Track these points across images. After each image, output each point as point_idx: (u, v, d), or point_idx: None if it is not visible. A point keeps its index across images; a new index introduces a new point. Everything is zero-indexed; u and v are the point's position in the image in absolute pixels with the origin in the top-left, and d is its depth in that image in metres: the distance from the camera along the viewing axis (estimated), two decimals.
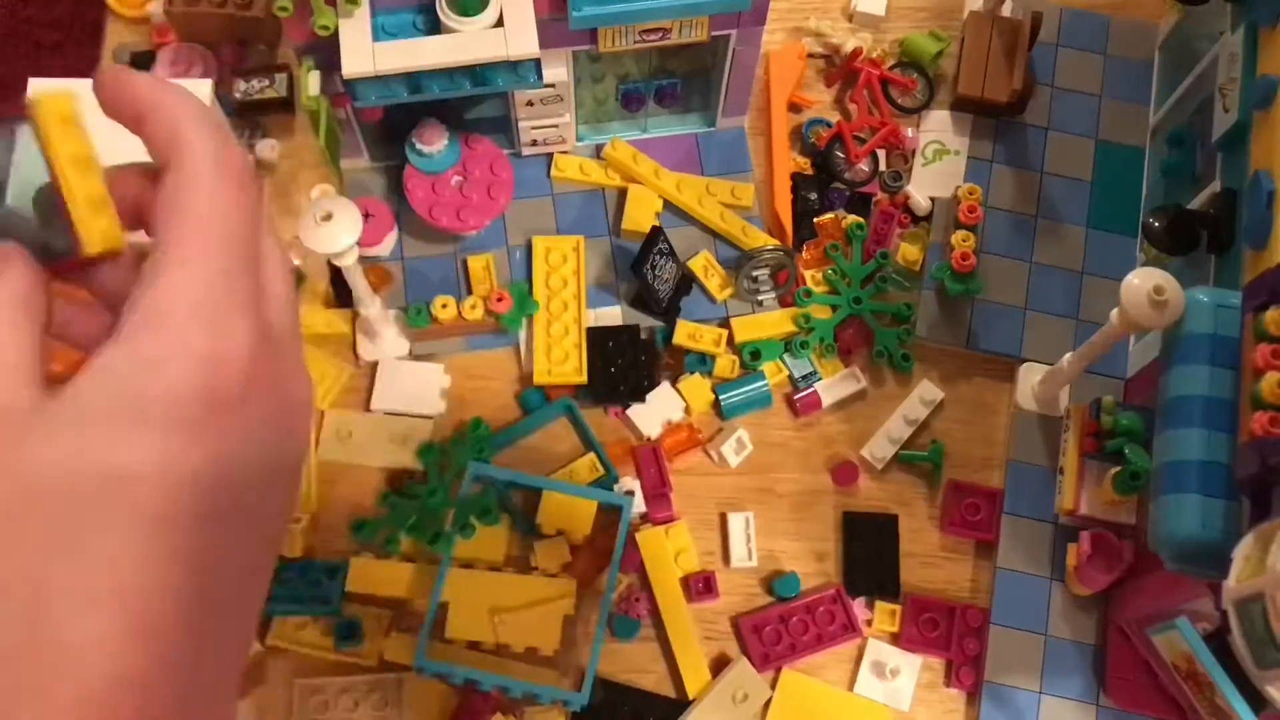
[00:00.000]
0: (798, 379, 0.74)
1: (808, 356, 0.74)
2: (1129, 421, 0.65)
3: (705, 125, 0.79)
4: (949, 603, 0.69)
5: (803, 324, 0.74)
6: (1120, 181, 0.79)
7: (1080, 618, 0.68)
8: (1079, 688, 0.67)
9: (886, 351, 0.74)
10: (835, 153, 0.79)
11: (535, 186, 0.78)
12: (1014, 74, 0.78)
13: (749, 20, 0.69)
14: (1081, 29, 0.83)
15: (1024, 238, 0.77)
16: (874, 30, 0.84)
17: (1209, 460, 0.54)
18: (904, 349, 0.74)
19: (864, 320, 0.75)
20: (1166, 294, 0.57)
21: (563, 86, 0.71)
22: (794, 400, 0.73)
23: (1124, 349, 0.73)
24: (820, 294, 0.75)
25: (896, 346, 0.74)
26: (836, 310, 0.75)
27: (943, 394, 0.74)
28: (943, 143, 0.80)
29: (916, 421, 0.73)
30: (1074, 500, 0.66)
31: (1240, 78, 0.64)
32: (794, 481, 0.72)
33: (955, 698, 0.68)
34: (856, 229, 0.76)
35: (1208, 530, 0.53)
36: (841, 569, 0.71)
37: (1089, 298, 0.76)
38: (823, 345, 0.74)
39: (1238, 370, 0.55)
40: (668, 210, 0.77)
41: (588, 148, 0.79)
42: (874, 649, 0.69)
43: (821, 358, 0.74)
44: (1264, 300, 0.54)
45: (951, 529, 0.71)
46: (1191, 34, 0.77)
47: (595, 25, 0.66)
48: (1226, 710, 0.56)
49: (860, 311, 0.75)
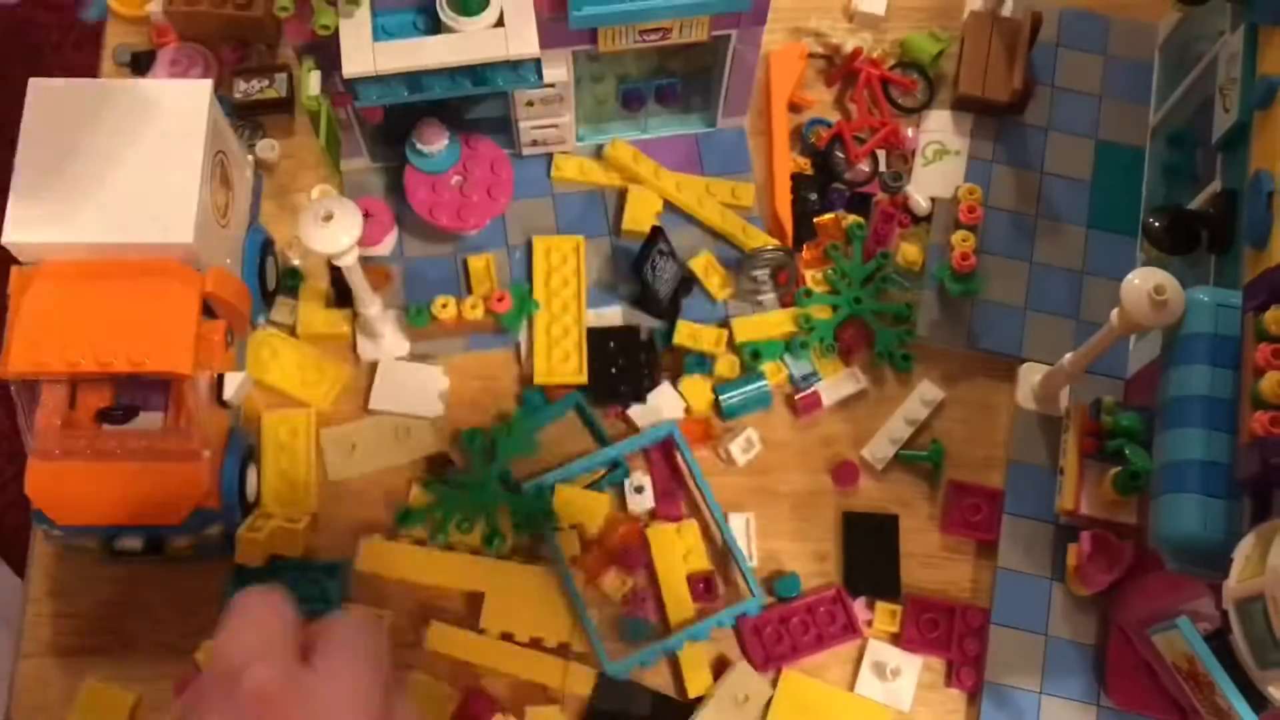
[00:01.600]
0: (798, 379, 0.74)
1: (808, 357, 0.74)
2: (1129, 421, 0.65)
3: (705, 125, 0.79)
4: (949, 603, 0.69)
5: (803, 324, 0.74)
6: (1120, 181, 0.78)
7: (1081, 618, 0.68)
8: (1079, 688, 0.67)
9: (887, 351, 0.74)
10: (835, 153, 0.79)
11: (535, 186, 0.78)
12: (1014, 74, 0.77)
13: (749, 20, 0.69)
14: (1082, 29, 0.83)
15: (1024, 238, 0.77)
16: (874, 30, 0.84)
17: (1210, 460, 0.54)
18: (904, 349, 0.74)
19: (865, 320, 0.75)
20: (1167, 294, 0.57)
21: (563, 86, 0.71)
22: (794, 400, 0.73)
23: (1124, 349, 0.73)
24: (821, 294, 0.75)
25: (897, 346, 0.74)
26: (837, 310, 0.75)
27: (943, 394, 0.74)
28: (943, 143, 0.80)
29: (917, 421, 0.73)
30: (1074, 500, 0.66)
31: (1240, 78, 0.64)
32: (794, 482, 0.72)
33: (956, 698, 0.68)
34: (857, 228, 0.76)
35: (1208, 530, 0.53)
36: (842, 569, 0.70)
37: (1089, 298, 0.75)
38: (823, 345, 0.74)
39: (1238, 370, 0.55)
40: (668, 210, 0.77)
41: (588, 148, 0.79)
42: (874, 649, 0.69)
43: (822, 358, 0.74)
44: (1264, 300, 0.54)
45: (952, 529, 0.71)
46: (1192, 34, 0.77)
47: (595, 25, 0.66)
48: (1227, 710, 0.56)
49: (861, 311, 0.75)
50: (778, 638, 0.68)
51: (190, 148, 0.63)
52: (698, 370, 0.73)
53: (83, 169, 0.62)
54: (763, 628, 0.68)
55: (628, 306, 0.75)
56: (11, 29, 1.59)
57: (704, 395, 0.73)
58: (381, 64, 0.62)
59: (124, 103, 0.64)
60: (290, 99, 0.79)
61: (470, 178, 0.74)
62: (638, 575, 0.69)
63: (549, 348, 0.73)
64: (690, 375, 0.73)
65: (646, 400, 0.72)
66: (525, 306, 0.73)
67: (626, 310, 0.75)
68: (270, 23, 0.80)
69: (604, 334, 0.73)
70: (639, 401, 0.72)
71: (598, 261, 0.76)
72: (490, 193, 0.74)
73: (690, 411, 0.73)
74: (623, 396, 0.72)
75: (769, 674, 0.68)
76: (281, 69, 0.79)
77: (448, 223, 0.74)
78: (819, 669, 0.68)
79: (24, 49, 1.58)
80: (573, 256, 0.75)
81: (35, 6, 1.60)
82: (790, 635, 0.68)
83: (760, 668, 0.67)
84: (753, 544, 0.70)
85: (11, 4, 1.55)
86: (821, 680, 0.68)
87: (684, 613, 0.68)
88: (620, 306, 0.75)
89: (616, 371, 0.72)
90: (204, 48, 0.81)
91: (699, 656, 0.68)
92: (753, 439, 0.72)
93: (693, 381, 0.73)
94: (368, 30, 0.63)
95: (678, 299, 0.74)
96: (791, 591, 0.69)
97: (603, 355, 0.73)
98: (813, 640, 0.68)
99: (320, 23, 0.62)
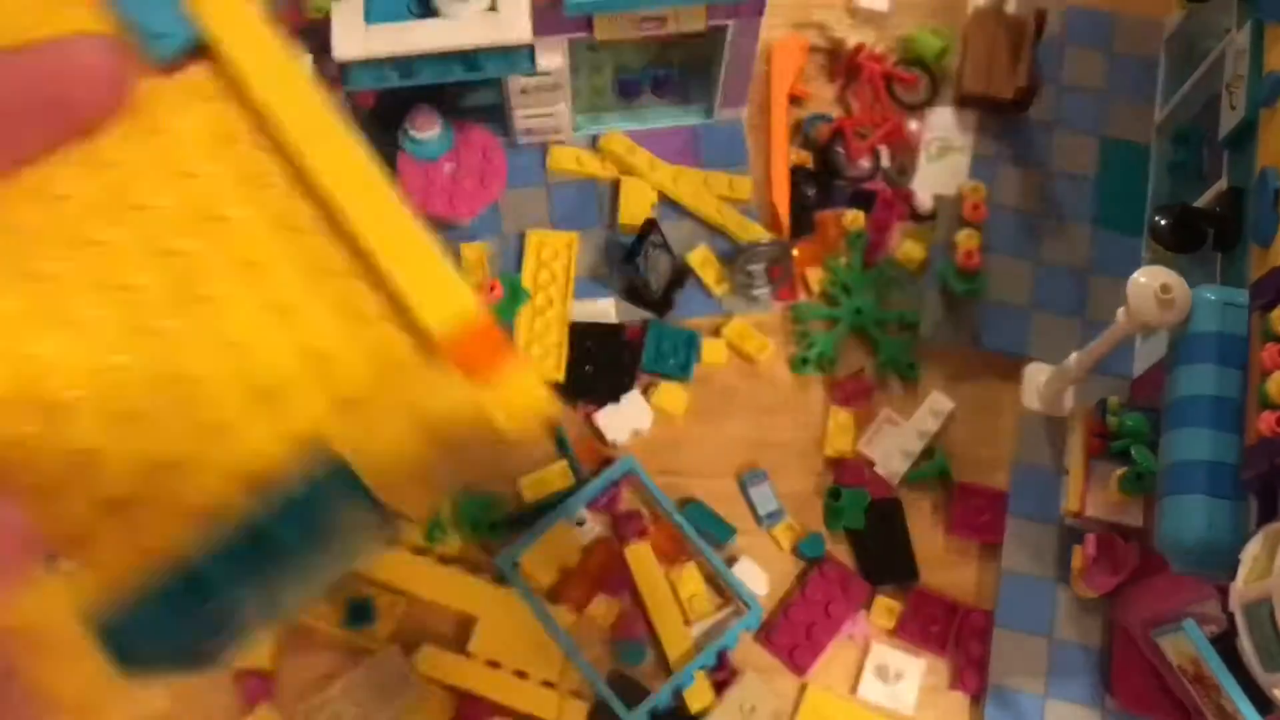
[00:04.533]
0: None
1: (810, 371, 0.73)
2: (1135, 422, 0.64)
3: (703, 117, 0.79)
4: (951, 600, 0.68)
5: (802, 340, 0.73)
6: (1126, 179, 0.78)
7: (1086, 620, 0.67)
8: (1084, 691, 0.66)
9: (892, 361, 0.73)
10: (836, 148, 0.78)
11: (530, 176, 0.77)
12: (1019, 71, 0.77)
13: (747, 11, 0.68)
14: (1086, 26, 0.82)
15: (1029, 236, 0.76)
16: (877, 27, 0.83)
17: (1216, 461, 0.53)
18: (910, 358, 0.73)
19: (866, 330, 0.74)
20: (1173, 292, 0.56)
21: (559, 74, 0.70)
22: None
23: (1130, 349, 0.71)
24: (817, 306, 0.74)
25: (903, 355, 0.73)
26: (837, 324, 0.74)
27: (953, 405, 0.72)
28: (947, 140, 0.79)
29: (928, 434, 0.71)
30: (1080, 501, 0.65)
31: (1247, 75, 0.64)
32: (791, 482, 0.71)
33: (960, 701, 0.67)
34: (856, 238, 0.75)
35: (1214, 531, 0.52)
36: (855, 560, 0.70)
37: (1095, 297, 0.75)
38: (823, 360, 0.73)
39: (1245, 369, 0.54)
40: (666, 203, 0.76)
41: (584, 139, 0.78)
42: (878, 653, 0.68)
43: (822, 372, 0.73)
44: (1271, 298, 0.54)
45: (957, 531, 0.70)
46: (1197, 31, 0.76)
47: (590, 12, 0.65)
48: (1233, 714, 0.55)
49: (862, 323, 0.74)
50: (793, 635, 0.67)
51: None
52: (678, 376, 0.72)
53: None
54: (776, 632, 0.67)
55: (621, 299, 0.74)
56: None
57: (679, 401, 0.72)
58: (373, 47, 0.61)
59: None
60: None
61: (463, 165, 0.74)
62: (623, 597, 0.68)
63: (529, 343, 0.72)
64: (668, 380, 0.72)
65: (620, 401, 0.71)
66: (518, 297, 0.72)
67: (619, 303, 0.74)
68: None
69: (586, 332, 0.72)
70: (614, 401, 0.71)
71: (591, 253, 0.75)
72: (483, 180, 0.74)
73: (664, 414, 0.72)
74: (598, 395, 0.71)
75: (796, 679, 0.67)
76: None
77: (440, 210, 0.73)
78: (821, 672, 0.67)
79: None
80: (564, 253, 0.74)
81: None
82: (802, 624, 0.67)
83: (799, 672, 0.67)
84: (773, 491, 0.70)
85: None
86: (823, 682, 0.67)
87: (675, 626, 0.67)
88: (613, 299, 0.74)
89: (595, 370, 0.71)
90: None
91: (700, 673, 0.66)
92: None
93: (670, 388, 0.72)
94: (360, 13, 0.62)
95: (671, 292, 0.74)
96: (816, 551, 0.69)
97: (582, 353, 0.72)
98: (821, 615, 0.67)
99: (315, 5, 0.61)
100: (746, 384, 0.73)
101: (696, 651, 0.66)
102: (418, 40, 0.62)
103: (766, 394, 0.73)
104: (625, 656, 0.66)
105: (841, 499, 0.69)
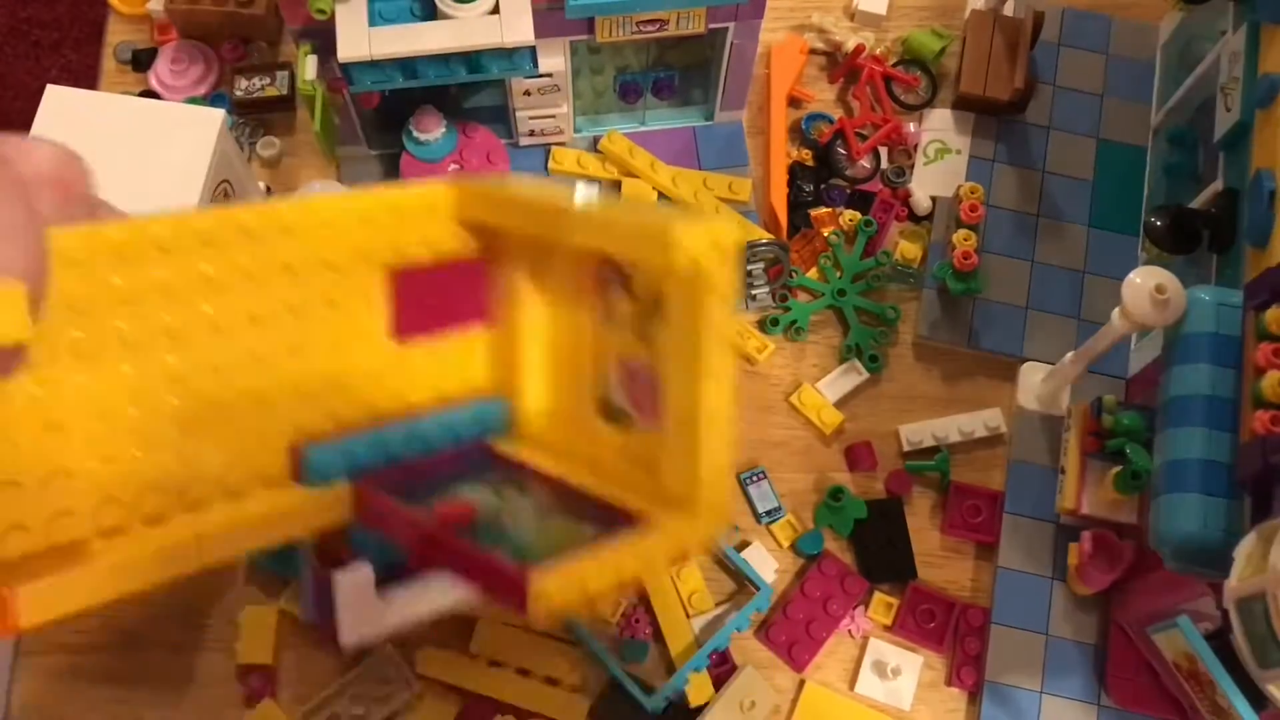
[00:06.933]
0: None
1: (777, 333, 0.74)
2: (1130, 421, 0.64)
3: (704, 118, 0.79)
4: (948, 597, 0.69)
5: (779, 303, 0.74)
6: (1122, 181, 0.78)
7: (1081, 617, 0.68)
8: (1080, 687, 0.67)
9: (857, 346, 0.74)
10: (837, 149, 0.78)
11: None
12: (1016, 73, 0.77)
13: (747, 14, 0.68)
14: (1083, 29, 0.82)
15: (1025, 237, 0.77)
16: (875, 29, 0.83)
17: (1210, 459, 0.53)
18: (876, 349, 0.74)
19: (843, 313, 0.75)
20: (1168, 293, 0.56)
21: (560, 76, 0.70)
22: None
23: (1125, 348, 0.72)
24: (809, 279, 0.75)
25: (869, 345, 0.74)
26: (819, 298, 0.75)
27: (1006, 428, 0.72)
28: (944, 141, 0.79)
29: (970, 435, 0.72)
30: (1075, 500, 0.65)
31: (1242, 77, 0.64)
32: (790, 481, 0.72)
33: (957, 697, 0.68)
34: (865, 225, 0.76)
35: (1209, 529, 0.52)
36: (855, 559, 0.70)
37: (1091, 297, 0.75)
38: (793, 329, 0.74)
39: (1239, 369, 0.54)
40: (666, 204, 0.77)
41: (585, 140, 0.78)
42: (875, 648, 0.68)
43: (790, 340, 0.74)
44: (1265, 299, 0.54)
45: (952, 531, 0.70)
46: (1193, 33, 0.77)
47: (591, 14, 0.66)
48: (1228, 710, 0.55)
49: (842, 305, 0.74)
50: (792, 632, 0.68)
51: (193, 174, 0.63)
52: None
53: None
54: (776, 630, 0.68)
55: None
56: (11, 28, 1.59)
57: None
58: (377, 49, 0.62)
59: (134, 121, 0.64)
60: (292, 97, 0.78)
61: (467, 166, 0.74)
62: (627, 595, 0.68)
63: None
64: None
65: None
66: None
67: None
68: (272, 20, 0.80)
69: None
70: None
71: None
72: None
73: None
74: None
75: (794, 675, 0.67)
76: (283, 66, 0.79)
77: None
78: (819, 669, 0.68)
79: (24, 48, 1.58)
80: None
81: (36, 6, 1.60)
82: (800, 621, 0.68)
83: (799, 669, 0.67)
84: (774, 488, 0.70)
85: None
86: (822, 679, 0.67)
87: (678, 621, 0.67)
88: None
89: None
90: (205, 45, 0.80)
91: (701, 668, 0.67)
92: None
93: None
94: (364, 15, 0.62)
95: None
96: (815, 548, 0.69)
97: None
98: (820, 611, 0.68)
99: (317, 6, 0.62)
100: (746, 383, 0.74)
101: (698, 646, 0.66)
102: (421, 42, 0.62)
103: (766, 393, 0.74)
104: (628, 654, 0.67)
105: (842, 500, 0.70)
